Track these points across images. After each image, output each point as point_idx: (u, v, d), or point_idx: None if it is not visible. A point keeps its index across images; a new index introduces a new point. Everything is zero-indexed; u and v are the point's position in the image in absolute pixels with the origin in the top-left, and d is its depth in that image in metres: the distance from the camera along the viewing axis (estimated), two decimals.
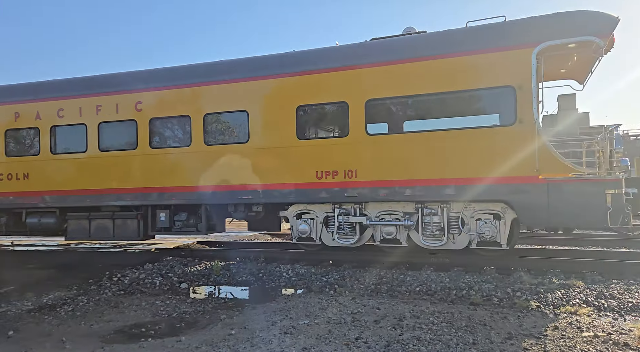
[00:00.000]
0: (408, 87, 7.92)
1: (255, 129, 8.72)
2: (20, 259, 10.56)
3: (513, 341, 4.47)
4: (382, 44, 8.42)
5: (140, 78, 9.69)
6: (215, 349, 4.44)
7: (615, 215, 6.91)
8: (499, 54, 7.43)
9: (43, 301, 6.56)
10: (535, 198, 7.21)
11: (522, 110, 7.24)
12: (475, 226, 7.77)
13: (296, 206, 8.77)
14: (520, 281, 6.88)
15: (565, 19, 7.31)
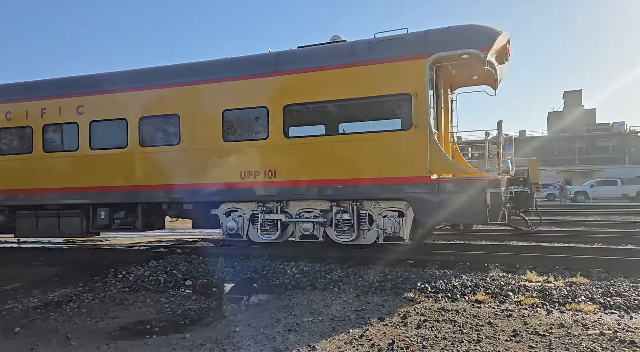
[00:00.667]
0: (321, 94, 8.49)
1: (186, 132, 9.22)
2: (26, 256, 10.63)
3: (518, 338, 4.45)
4: (298, 52, 8.99)
5: (82, 83, 10.22)
6: (219, 346, 4.45)
7: (494, 212, 7.45)
8: (398, 63, 7.99)
9: (49, 298, 6.59)
10: (428, 196, 7.82)
11: (417, 116, 7.81)
12: (382, 223, 8.32)
13: (226, 204, 9.24)
14: (526, 279, 6.85)
15: (453, 33, 7.94)
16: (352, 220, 8.45)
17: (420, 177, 7.80)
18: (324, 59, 8.56)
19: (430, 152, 7.72)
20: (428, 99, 7.76)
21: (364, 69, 8.17)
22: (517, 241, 11.35)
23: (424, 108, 7.75)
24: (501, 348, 4.20)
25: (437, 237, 12.69)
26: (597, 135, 63.72)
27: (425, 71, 7.72)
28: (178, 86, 9.34)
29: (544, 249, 9.31)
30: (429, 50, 7.81)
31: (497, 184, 7.54)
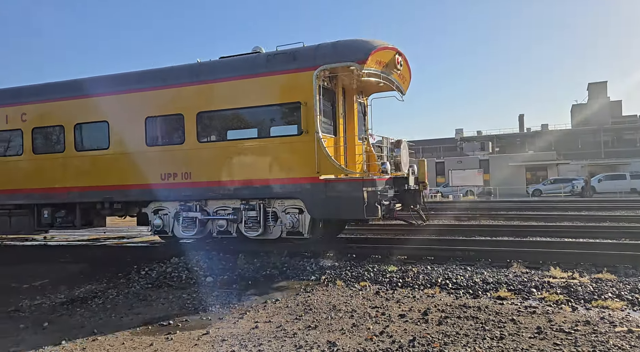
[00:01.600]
0: (228, 102, 9.24)
1: (114, 137, 10.06)
2: (53, 254, 10.92)
3: (542, 335, 4.36)
4: (208, 64, 9.69)
5: (26, 92, 11.14)
6: (240, 342, 4.49)
7: (370, 208, 8.17)
8: (291, 75, 8.75)
9: (75, 294, 6.76)
10: (317, 194, 8.52)
11: (307, 122, 8.52)
12: (285, 219, 9.02)
13: (153, 203, 9.96)
14: (550, 275, 6.72)
15: (337, 47, 8.66)
16: (258, 217, 9.13)
17: (311, 177, 8.50)
18: (231, 71, 9.31)
19: (318, 155, 8.42)
20: (316, 107, 8.45)
21: (264, 79, 8.94)
22: (540, 237, 11.14)
23: (312, 115, 8.46)
24: (525, 345, 4.13)
25: (457, 233, 12.55)
26: (624, 127, 61.89)
27: (313, 82, 8.44)
28: (107, 95, 10.15)
29: (569, 245, 9.10)
30: (317, 63, 8.54)
31: (373, 184, 8.29)
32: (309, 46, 8.93)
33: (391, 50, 9.18)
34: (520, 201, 29.75)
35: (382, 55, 8.92)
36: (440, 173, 52.56)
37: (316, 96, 8.44)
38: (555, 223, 14.72)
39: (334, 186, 8.41)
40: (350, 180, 8.44)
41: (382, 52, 8.85)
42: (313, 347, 4.26)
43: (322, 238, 10.15)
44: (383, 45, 8.90)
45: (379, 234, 12.49)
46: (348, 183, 8.40)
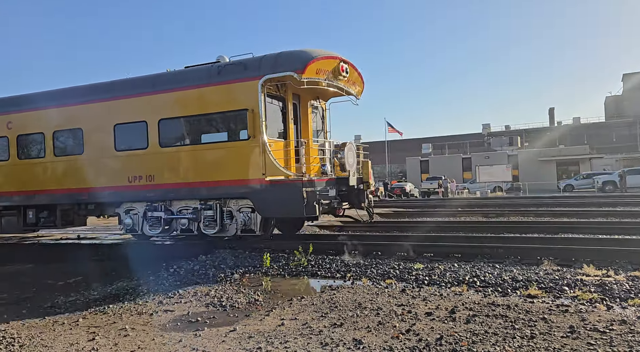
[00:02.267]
0: (186, 109, 9.95)
1: (88, 143, 10.92)
2: (85, 252, 11.27)
3: (576, 335, 4.23)
4: (170, 74, 10.48)
5: (11, 102, 12.10)
6: (267, 339, 4.53)
7: (309, 206, 8.83)
8: (239, 84, 9.38)
9: (107, 291, 6.96)
10: (264, 194, 9.17)
11: (254, 128, 9.17)
12: (239, 218, 9.70)
13: (125, 204, 10.75)
14: (583, 273, 6.51)
15: (279, 58, 9.31)
16: (214, 216, 9.86)
17: (258, 179, 9.15)
18: (188, 80, 10.01)
19: (264, 158, 9.07)
20: (261, 113, 9.09)
21: (217, 88, 9.64)
22: (572, 234, 10.82)
23: (258, 121, 9.11)
24: (557, 345, 4.02)
25: (484, 230, 12.32)
26: None
27: (258, 90, 9.09)
28: (81, 104, 11.07)
29: (603, 242, 8.81)
30: (261, 73, 9.19)
31: (312, 185, 8.96)
32: (256, 57, 9.66)
33: (334, 59, 9.85)
34: (551, 196, 28.95)
35: (323, 64, 9.53)
36: (466, 169, 51.69)
37: (261, 103, 9.10)
38: (589, 219, 14.26)
39: (278, 187, 9.06)
40: (291, 181, 9.03)
41: (322, 61, 9.50)
42: (339, 345, 4.26)
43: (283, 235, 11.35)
44: (324, 55, 9.55)
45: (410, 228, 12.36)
46: (289, 184, 9.01)
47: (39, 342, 4.79)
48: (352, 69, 10.44)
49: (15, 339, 4.87)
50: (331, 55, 9.79)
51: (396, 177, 58.59)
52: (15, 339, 4.87)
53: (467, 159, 52.58)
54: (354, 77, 10.73)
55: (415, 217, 17.87)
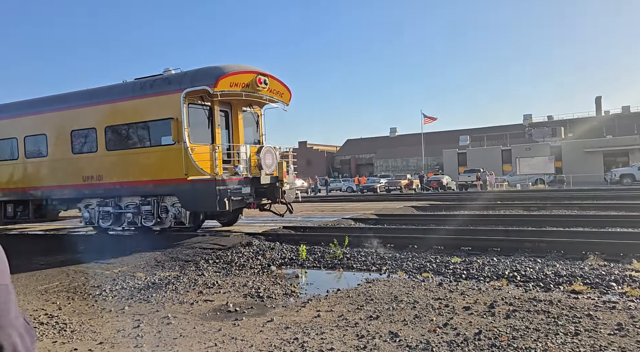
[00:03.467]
0: (126, 118, 11.33)
1: (51, 147, 12.41)
2: (128, 243, 11.72)
3: (624, 332, 4.06)
4: (114, 87, 11.87)
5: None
6: (303, 330, 4.59)
7: (221, 202, 10.08)
8: (166, 96, 10.71)
9: (151, 281, 7.23)
10: (186, 192, 10.46)
11: (178, 134, 10.43)
12: (171, 212, 11.12)
13: (84, 200, 12.23)
14: (632, 268, 6.21)
15: (196, 73, 10.68)
16: (152, 210, 11.29)
17: (182, 178, 10.38)
18: (128, 92, 11.42)
19: (185, 161, 10.31)
20: (184, 121, 10.37)
21: (150, 99, 11.00)
22: (620, 228, 10.33)
23: (181, 128, 10.37)
24: (603, 342, 3.86)
25: (525, 223, 11.95)
26: None
27: (180, 102, 10.36)
28: (45, 113, 12.61)
29: None
30: (182, 86, 10.48)
31: (223, 183, 10.20)
32: (179, 73, 11.06)
33: (250, 73, 11.08)
34: (597, 189, 27.69)
35: (237, 79, 10.77)
36: (506, 161, 50.14)
37: (183, 113, 10.39)
38: (638, 213, 13.56)
39: (197, 185, 10.28)
40: (206, 180, 10.23)
41: (237, 75, 10.75)
42: (375, 337, 4.26)
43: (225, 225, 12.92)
44: (238, 70, 10.83)
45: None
46: (205, 183, 10.22)
47: (89, 328, 5.04)
48: (272, 80, 11.66)
49: (67, 324, 5.16)
50: (247, 70, 11.10)
51: (433, 170, 57.59)
52: (67, 324, 5.16)
53: (507, 151, 50.97)
54: (277, 87, 11.95)
55: (452, 211, 17.54)
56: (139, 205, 11.43)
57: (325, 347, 4.08)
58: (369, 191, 39.63)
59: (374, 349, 3.99)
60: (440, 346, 3.96)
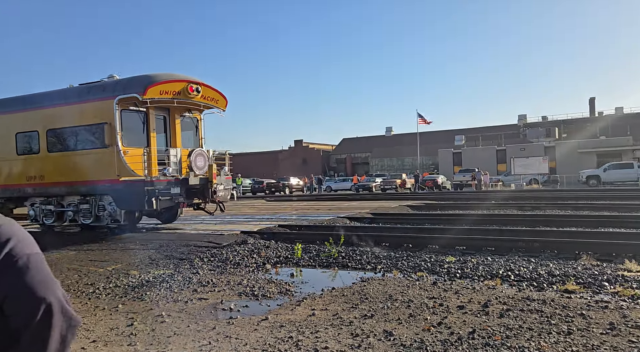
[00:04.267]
0: (65, 122, 11.97)
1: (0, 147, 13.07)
2: (123, 240, 11.67)
3: (616, 332, 4.09)
4: (55, 92, 12.47)
5: None
6: (298, 329, 4.59)
7: (149, 201, 10.82)
8: (102, 102, 11.37)
9: (145, 279, 7.20)
10: (119, 192, 11.19)
11: (111, 138, 11.14)
12: (107, 210, 11.77)
13: (31, 199, 12.98)
14: (624, 268, 6.27)
15: (129, 81, 11.42)
16: (90, 208, 12.06)
17: (115, 179, 11.09)
18: (67, 97, 12.07)
19: (117, 163, 11.02)
20: (116, 126, 11.01)
21: (87, 105, 11.68)
22: (613, 228, 10.41)
23: (114, 133, 11.05)
24: (596, 342, 3.89)
25: (519, 223, 12.02)
26: None
27: (113, 107, 11.01)
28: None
29: None
30: (116, 93, 11.15)
31: (152, 184, 10.90)
32: (113, 80, 11.81)
33: (180, 82, 11.71)
34: (590, 189, 27.88)
35: (167, 87, 11.41)
36: (501, 161, 50.38)
37: (116, 118, 11.04)
38: (631, 213, 13.67)
39: (128, 186, 10.99)
40: (136, 181, 10.95)
41: (166, 84, 11.38)
42: (369, 336, 4.27)
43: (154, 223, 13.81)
44: (168, 79, 11.49)
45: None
46: (135, 184, 10.94)
47: (82, 326, 5.02)
48: (205, 88, 12.34)
49: None
50: (177, 78, 11.75)
51: (428, 170, 57.76)
52: None
53: (502, 151, 51.20)
54: (211, 94, 12.63)
55: (448, 210, 17.60)
56: (78, 204, 12.17)
57: (320, 345, 4.08)
58: (364, 190, 39.73)
59: (369, 347, 4.00)
60: (434, 345, 3.97)
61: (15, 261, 1.07)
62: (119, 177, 11.04)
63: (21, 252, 1.09)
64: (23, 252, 1.10)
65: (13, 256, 1.07)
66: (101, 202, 11.92)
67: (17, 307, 1.05)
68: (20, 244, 1.10)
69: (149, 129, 11.99)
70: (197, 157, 12.08)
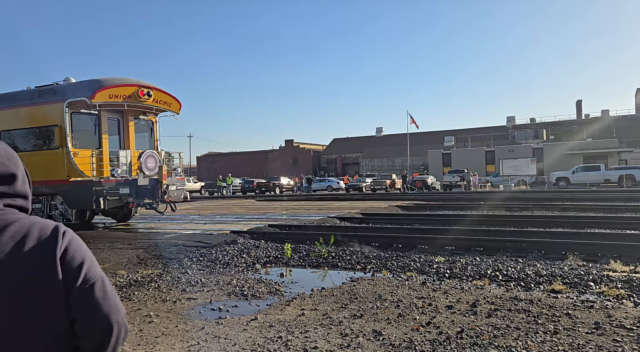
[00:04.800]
0: (19, 123, 12.37)
1: None
2: (111, 239, 11.56)
3: (601, 331, 4.15)
4: (9, 94, 12.86)
5: None
6: (288, 328, 4.58)
7: (97, 201, 11.41)
8: (53, 105, 11.75)
9: (133, 278, 7.14)
10: (68, 192, 11.73)
11: (61, 140, 11.52)
12: (60, 209, 12.14)
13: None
14: (609, 268, 6.36)
15: (78, 85, 11.94)
16: (42, 208, 12.38)
17: (65, 180, 11.60)
18: (21, 100, 12.42)
19: (67, 164, 11.44)
20: (67, 128, 11.41)
21: (39, 107, 12.09)
22: (599, 229, 10.56)
23: (64, 135, 11.47)
24: (581, 341, 3.95)
25: (507, 224, 12.13)
26: None
27: (63, 110, 11.42)
28: None
29: (631, 237, 8.57)
30: (66, 97, 11.56)
31: (99, 185, 11.49)
32: (64, 84, 12.16)
33: (131, 86, 12.15)
34: (577, 191, 28.26)
35: (117, 91, 11.84)
36: (490, 162, 50.84)
37: (66, 121, 11.42)
38: (616, 214, 13.89)
39: (77, 186, 11.49)
40: (84, 182, 11.43)
41: (116, 88, 11.81)
42: (359, 336, 4.28)
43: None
44: (117, 83, 11.93)
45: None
46: (83, 184, 11.42)
47: None
48: (157, 92, 12.83)
49: None
50: (128, 83, 12.19)
51: (418, 170, 58.06)
52: None
53: (491, 152, 51.67)
54: (163, 98, 13.10)
55: (437, 210, 17.71)
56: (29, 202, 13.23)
57: (309, 345, 4.08)
58: (354, 190, 39.81)
59: (358, 347, 4.01)
60: (423, 345, 4.00)
61: (91, 285, 1.08)
62: (68, 178, 11.50)
63: (96, 275, 1.10)
64: (97, 275, 1.10)
65: (88, 280, 1.08)
66: (53, 202, 12.25)
67: (90, 331, 1.07)
68: (93, 266, 1.11)
69: (100, 131, 12.40)
70: (147, 159, 12.66)
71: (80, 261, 1.09)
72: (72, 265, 1.07)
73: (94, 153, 11.75)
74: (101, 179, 11.67)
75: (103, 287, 1.10)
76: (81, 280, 1.07)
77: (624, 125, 57.64)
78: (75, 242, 1.12)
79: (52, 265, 1.04)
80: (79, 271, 1.07)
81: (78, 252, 1.10)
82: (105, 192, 11.51)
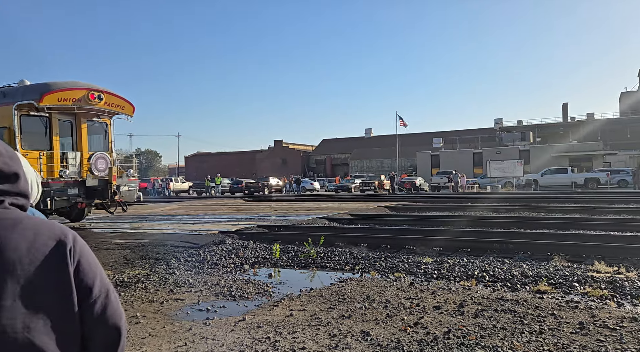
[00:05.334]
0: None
1: None
2: (97, 240, 11.43)
3: (585, 331, 4.22)
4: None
5: None
6: (276, 329, 4.58)
7: (44, 201, 11.19)
8: (2, 107, 11.74)
9: (120, 279, 7.06)
10: None
11: (10, 142, 11.26)
12: None
13: None
14: (594, 269, 6.46)
15: (27, 88, 12.03)
16: None
17: None
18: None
19: None
20: (15, 130, 11.57)
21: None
22: (584, 230, 10.72)
23: (13, 136, 11.55)
24: (566, 341, 4.00)
25: (494, 225, 12.26)
26: None
27: (12, 113, 11.51)
28: None
29: (615, 238, 8.72)
30: (15, 100, 11.62)
31: (47, 185, 11.44)
32: (15, 87, 12.24)
33: (81, 90, 12.28)
34: (563, 192, 28.66)
35: (66, 95, 11.97)
36: (477, 164, 51.35)
37: (15, 123, 11.56)
38: (600, 216, 14.11)
39: None
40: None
41: (65, 92, 11.95)
42: (347, 337, 4.29)
43: None
44: (66, 87, 12.03)
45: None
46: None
47: None
48: (109, 95, 12.95)
49: None
50: (77, 86, 12.29)
51: (407, 171, 58.37)
52: None
53: (479, 154, 52.20)
54: (115, 101, 13.25)
55: (425, 212, 17.82)
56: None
57: (297, 346, 4.08)
58: (343, 191, 39.88)
59: (346, 348, 4.02)
60: (410, 345, 4.02)
61: (106, 295, 1.15)
62: None
63: (106, 285, 1.17)
64: (105, 287, 1.16)
65: (100, 291, 1.14)
66: None
67: (101, 338, 1.15)
68: (102, 277, 1.17)
69: (51, 133, 12.51)
70: (97, 160, 12.85)
71: (93, 273, 1.14)
72: (84, 276, 1.12)
73: (41, 154, 11.81)
74: (50, 180, 11.78)
75: (113, 296, 1.17)
76: (94, 292, 1.12)
77: (609, 129, 58.64)
78: (85, 250, 1.17)
79: (65, 273, 1.09)
80: (92, 281, 1.13)
81: (90, 265, 1.15)
82: (53, 193, 11.64)
